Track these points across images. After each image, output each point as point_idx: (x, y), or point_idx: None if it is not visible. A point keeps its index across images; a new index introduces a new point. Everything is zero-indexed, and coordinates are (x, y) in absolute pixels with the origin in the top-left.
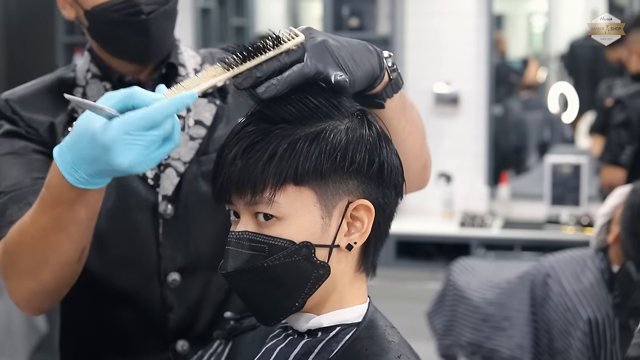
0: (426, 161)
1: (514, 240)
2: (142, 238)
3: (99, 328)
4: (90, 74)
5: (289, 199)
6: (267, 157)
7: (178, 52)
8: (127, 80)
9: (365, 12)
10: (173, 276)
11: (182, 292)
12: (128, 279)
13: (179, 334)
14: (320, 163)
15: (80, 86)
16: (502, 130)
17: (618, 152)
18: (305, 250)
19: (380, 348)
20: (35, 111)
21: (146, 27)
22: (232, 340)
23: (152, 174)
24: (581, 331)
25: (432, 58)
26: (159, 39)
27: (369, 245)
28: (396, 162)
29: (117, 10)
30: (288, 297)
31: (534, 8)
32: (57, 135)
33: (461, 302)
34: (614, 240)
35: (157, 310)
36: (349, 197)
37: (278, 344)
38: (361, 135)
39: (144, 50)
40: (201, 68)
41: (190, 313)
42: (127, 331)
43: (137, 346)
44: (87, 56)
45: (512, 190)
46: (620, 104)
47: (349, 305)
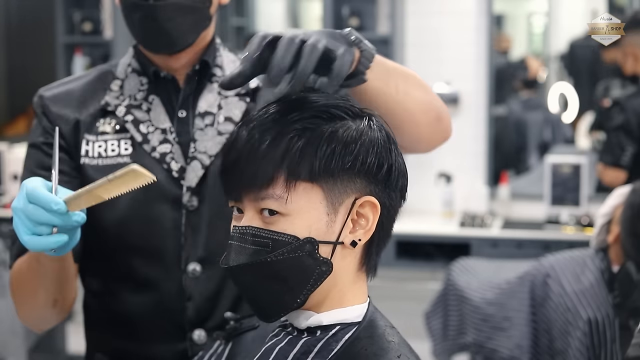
0: (439, 112)
1: (514, 240)
2: (165, 228)
3: (118, 315)
4: (131, 68)
5: (297, 196)
6: (280, 154)
7: (217, 54)
8: (162, 76)
9: (365, 12)
10: (193, 266)
11: (202, 282)
12: (149, 267)
13: (196, 324)
14: (332, 163)
15: (119, 79)
16: (502, 130)
17: (619, 154)
18: (309, 246)
19: (380, 348)
20: (64, 106)
21: (154, 13)
22: (232, 341)
23: (177, 166)
24: (581, 331)
25: (432, 58)
26: (171, 30)
27: (371, 245)
28: (403, 165)
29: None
30: (290, 293)
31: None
32: (81, 132)
33: (462, 302)
34: (614, 240)
35: (176, 299)
36: (355, 195)
37: (277, 343)
38: (372, 137)
39: (153, 37)
40: None
41: (209, 303)
42: (146, 319)
43: (154, 334)
44: (131, 51)
45: (512, 190)
46: (618, 106)
47: (349, 305)
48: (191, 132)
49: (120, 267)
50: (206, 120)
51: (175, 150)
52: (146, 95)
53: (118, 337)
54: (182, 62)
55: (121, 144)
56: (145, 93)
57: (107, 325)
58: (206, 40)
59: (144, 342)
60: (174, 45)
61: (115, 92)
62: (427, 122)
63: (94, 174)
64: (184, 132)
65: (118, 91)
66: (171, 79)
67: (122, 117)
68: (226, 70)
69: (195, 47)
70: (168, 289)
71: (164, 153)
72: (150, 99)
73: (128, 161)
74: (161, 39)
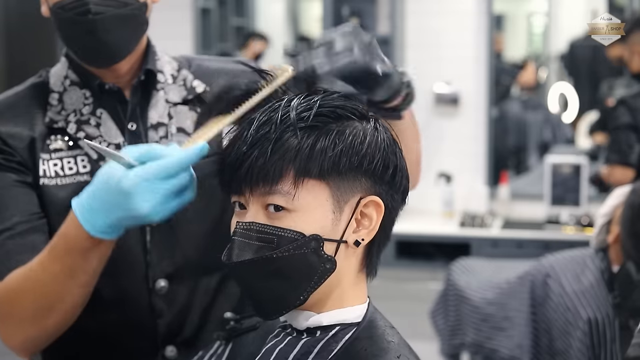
0: (419, 165)
1: (514, 240)
2: (130, 245)
3: (87, 333)
4: (69, 80)
5: (305, 193)
6: (292, 151)
7: (155, 58)
8: (107, 88)
9: (365, 12)
10: (161, 283)
11: (171, 298)
12: (116, 286)
13: (168, 340)
14: (341, 162)
15: (56, 92)
16: (502, 130)
17: (628, 152)
18: (315, 243)
19: (380, 348)
20: (13, 125)
21: (93, 27)
22: (232, 341)
23: None
24: (581, 331)
25: (432, 58)
26: (112, 42)
27: (373, 245)
28: (405, 167)
29: (69, 9)
30: (293, 290)
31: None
32: (37, 152)
33: (462, 302)
34: (614, 240)
35: (146, 317)
36: (360, 194)
37: (277, 344)
38: (379, 138)
39: (94, 51)
40: (178, 74)
41: (179, 318)
42: (116, 337)
43: (126, 352)
44: (65, 62)
45: (512, 190)
46: (625, 105)
47: (349, 305)
48: None
49: None
50: (160, 132)
51: None
52: (93, 110)
53: (88, 357)
54: (124, 70)
55: (78, 162)
56: (91, 107)
57: (74, 345)
58: (143, 44)
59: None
60: (115, 57)
61: (56, 106)
62: (415, 173)
63: (57, 193)
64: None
65: (58, 105)
66: (116, 90)
67: (75, 134)
68: (166, 73)
69: (135, 53)
70: (137, 307)
71: None
72: (98, 113)
73: (88, 179)
74: (102, 53)
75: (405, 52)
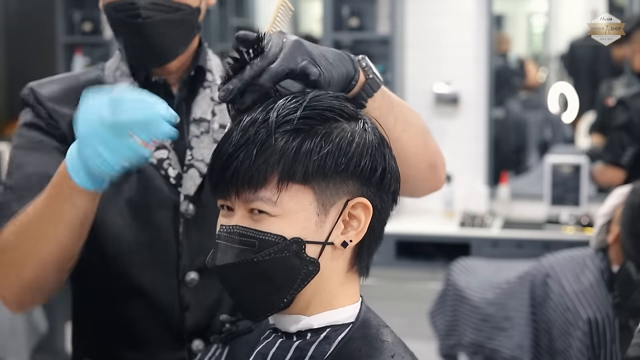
0: (434, 160)
1: (514, 240)
2: (163, 236)
3: (114, 323)
4: (120, 72)
5: (287, 198)
6: (275, 156)
7: (207, 58)
8: (154, 81)
9: (365, 12)
10: (191, 275)
11: (200, 292)
12: (146, 276)
13: (195, 334)
14: (326, 165)
15: (108, 84)
16: (502, 130)
17: (619, 153)
18: (296, 247)
19: (374, 348)
20: (59, 103)
21: (143, 31)
22: (229, 344)
23: (174, 173)
24: (581, 331)
25: (432, 58)
26: (160, 45)
27: (362, 246)
28: (396, 169)
29: (120, 10)
30: (276, 292)
31: (534, 8)
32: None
33: (462, 302)
34: (614, 240)
35: (174, 309)
36: (347, 197)
37: (269, 347)
38: (367, 140)
39: (142, 53)
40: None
41: (207, 313)
42: (143, 327)
43: (152, 343)
44: (118, 55)
45: (512, 190)
46: (622, 105)
47: (340, 306)
48: (186, 138)
49: (117, 274)
50: (201, 127)
51: (172, 157)
52: None
53: (113, 345)
54: (173, 68)
55: None
56: None
57: (101, 333)
58: (195, 45)
59: (141, 350)
60: (165, 60)
61: None
62: (418, 168)
63: None
64: (179, 138)
65: None
66: (163, 84)
67: None
68: (215, 74)
69: (185, 54)
70: (166, 298)
71: (161, 159)
72: None
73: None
74: (150, 55)
75: (405, 52)
